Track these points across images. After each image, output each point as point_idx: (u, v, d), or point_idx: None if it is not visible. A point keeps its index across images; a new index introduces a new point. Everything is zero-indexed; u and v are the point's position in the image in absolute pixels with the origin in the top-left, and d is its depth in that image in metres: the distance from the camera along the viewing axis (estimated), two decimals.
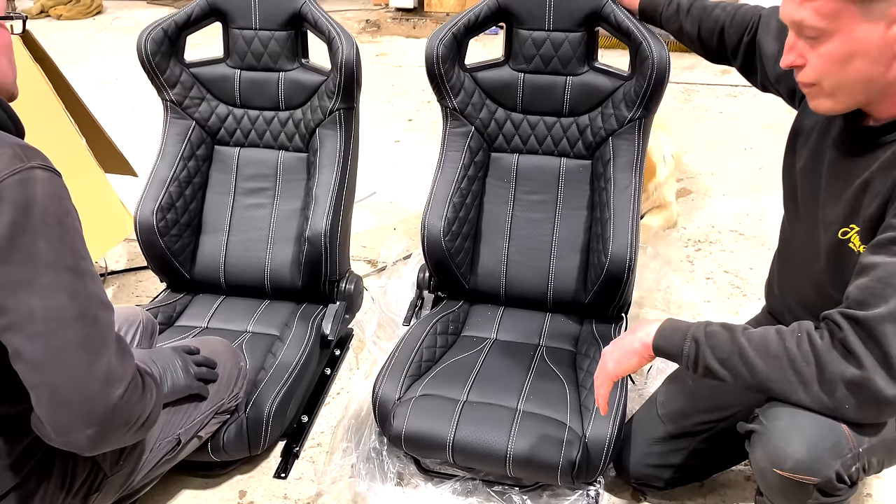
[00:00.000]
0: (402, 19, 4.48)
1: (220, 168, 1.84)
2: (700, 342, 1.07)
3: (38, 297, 0.91)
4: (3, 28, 1.03)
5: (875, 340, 0.95)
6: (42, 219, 0.92)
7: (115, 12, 4.67)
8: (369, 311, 1.98)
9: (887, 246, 0.99)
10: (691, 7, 1.49)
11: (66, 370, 0.92)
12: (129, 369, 0.98)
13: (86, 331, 0.93)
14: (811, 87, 1.09)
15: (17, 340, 0.91)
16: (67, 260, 0.94)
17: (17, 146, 0.94)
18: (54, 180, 0.95)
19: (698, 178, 2.72)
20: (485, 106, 1.74)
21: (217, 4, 1.75)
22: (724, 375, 1.06)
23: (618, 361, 1.16)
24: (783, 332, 1.03)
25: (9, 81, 1.06)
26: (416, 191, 2.60)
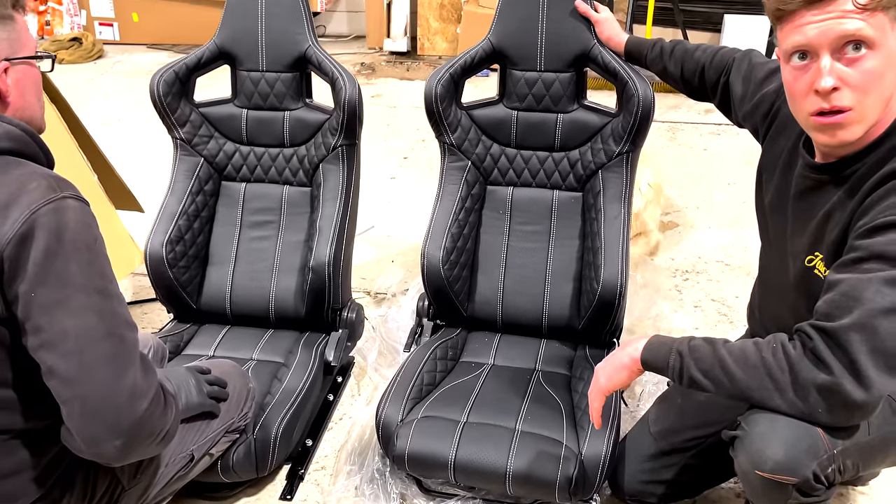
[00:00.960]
0: (396, 62, 4.63)
1: (227, 202, 1.92)
2: (684, 355, 1.14)
3: (71, 317, 0.98)
4: (33, 66, 1.12)
5: (842, 348, 1.02)
6: (73, 245, 0.99)
7: (116, 56, 4.79)
8: (370, 339, 2.04)
9: (850, 264, 1.06)
10: (674, 49, 1.60)
11: (96, 385, 0.98)
12: (153, 384, 1.04)
13: (113, 348, 1.00)
14: (844, 115, 1.07)
15: (51, 358, 0.98)
16: (96, 283, 1.01)
17: (50, 178, 1.02)
18: (84, 209, 1.03)
19: (685, 212, 2.82)
20: (480, 142, 1.83)
21: (226, 48, 1.84)
22: (706, 385, 1.12)
23: (609, 376, 1.23)
24: (760, 343, 1.10)
25: (37, 116, 1.14)
26: (412, 225, 2.69)
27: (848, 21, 1.03)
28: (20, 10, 1.10)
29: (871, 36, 1.04)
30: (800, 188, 1.24)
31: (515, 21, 1.75)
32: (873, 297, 1.01)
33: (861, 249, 1.06)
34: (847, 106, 1.07)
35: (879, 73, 1.06)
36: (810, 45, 1.07)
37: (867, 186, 1.10)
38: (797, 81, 1.11)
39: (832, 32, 1.05)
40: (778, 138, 1.34)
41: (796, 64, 1.11)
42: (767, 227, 1.37)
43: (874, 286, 1.02)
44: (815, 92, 1.08)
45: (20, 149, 1.04)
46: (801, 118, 1.15)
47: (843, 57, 1.06)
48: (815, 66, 1.08)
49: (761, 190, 1.39)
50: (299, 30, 1.81)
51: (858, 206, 1.11)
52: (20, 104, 1.09)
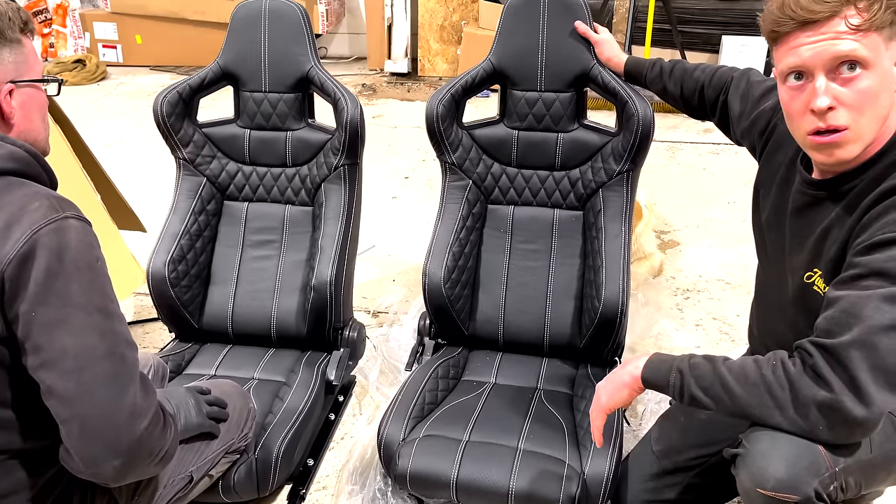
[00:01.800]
0: (397, 83, 4.67)
1: (229, 222, 1.93)
2: (684, 373, 1.14)
3: (71, 336, 0.98)
4: (39, 90, 1.14)
5: (842, 365, 1.02)
6: (74, 264, 1.00)
7: (119, 78, 4.83)
8: (371, 358, 2.04)
9: (849, 281, 1.07)
10: (673, 69, 1.62)
11: (96, 404, 0.98)
12: (152, 404, 1.04)
13: (114, 368, 1.00)
14: (840, 134, 1.08)
15: (51, 377, 0.98)
16: (97, 302, 1.01)
17: (52, 198, 1.03)
18: (85, 229, 1.04)
19: (685, 231, 2.83)
20: (481, 161, 1.85)
21: (229, 69, 1.86)
22: (707, 403, 1.12)
23: (610, 394, 1.23)
24: (759, 361, 1.10)
25: (42, 139, 1.16)
26: (413, 244, 2.69)
27: (842, 42, 1.05)
28: (29, 34, 1.11)
29: (864, 56, 1.05)
30: (797, 204, 1.25)
31: (516, 42, 1.77)
32: (873, 314, 1.02)
33: (860, 266, 1.06)
34: (843, 125, 1.08)
35: (874, 92, 1.07)
36: (805, 66, 1.09)
37: (865, 203, 1.11)
38: (793, 101, 1.13)
39: (826, 53, 1.06)
40: (775, 155, 1.35)
41: (792, 84, 1.12)
42: (765, 243, 1.38)
43: (874, 303, 1.02)
44: (812, 111, 1.09)
45: (23, 169, 1.05)
46: (799, 137, 1.17)
47: (837, 77, 1.07)
48: (811, 86, 1.09)
49: (758, 207, 1.40)
50: (301, 51, 1.83)
51: (857, 223, 1.11)
52: (24, 126, 1.10)
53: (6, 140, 1.05)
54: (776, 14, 1.09)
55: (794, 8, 1.06)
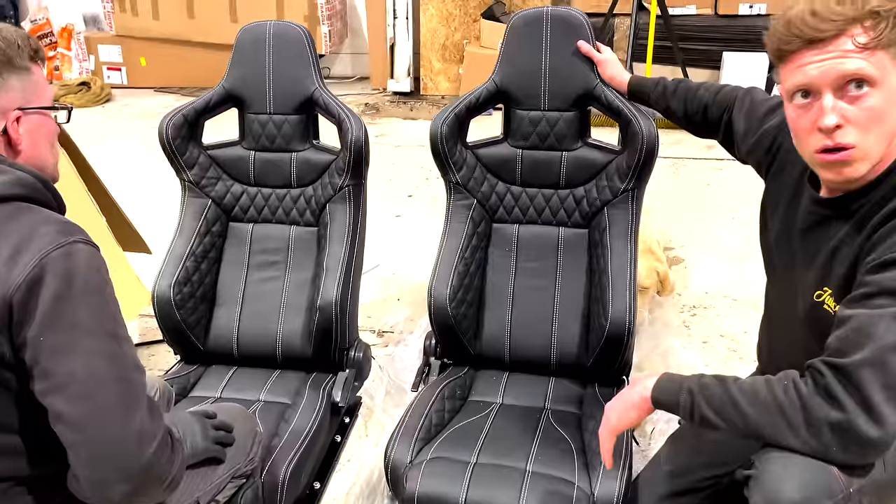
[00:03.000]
0: (400, 102, 4.69)
1: (235, 243, 1.93)
2: (695, 393, 1.13)
3: (80, 361, 0.98)
4: (48, 117, 1.14)
5: (855, 385, 1.01)
6: (83, 289, 0.99)
7: (124, 100, 4.87)
8: (377, 379, 2.03)
9: (860, 300, 1.06)
10: (677, 88, 1.62)
11: (104, 429, 0.97)
12: (160, 429, 1.03)
13: (122, 392, 1.00)
14: (848, 152, 1.08)
15: (59, 402, 0.97)
16: (106, 326, 1.01)
17: (60, 223, 1.03)
18: (94, 253, 1.04)
19: (690, 247, 2.83)
20: (486, 180, 1.85)
21: (234, 91, 1.87)
22: (718, 424, 1.11)
23: (620, 416, 1.22)
24: (771, 381, 1.09)
25: (50, 165, 1.16)
26: (417, 262, 2.69)
27: (849, 60, 1.05)
28: (38, 62, 1.12)
29: (872, 74, 1.05)
30: (806, 223, 1.24)
31: (519, 61, 1.77)
32: (884, 334, 1.01)
33: (871, 285, 1.05)
34: (850, 143, 1.08)
35: (882, 110, 1.07)
36: (812, 85, 1.08)
37: (874, 222, 1.10)
38: (800, 119, 1.12)
39: (833, 72, 1.06)
40: (781, 173, 1.35)
41: (799, 102, 1.12)
42: (774, 262, 1.37)
43: (885, 322, 1.01)
44: (819, 130, 1.09)
45: (31, 195, 1.05)
46: (806, 155, 1.16)
47: (845, 95, 1.07)
48: (818, 104, 1.09)
49: (766, 225, 1.39)
50: (306, 73, 1.84)
51: (866, 242, 1.11)
52: (32, 153, 1.11)
53: (14, 166, 1.06)
54: (782, 32, 1.09)
55: (801, 26, 1.06)
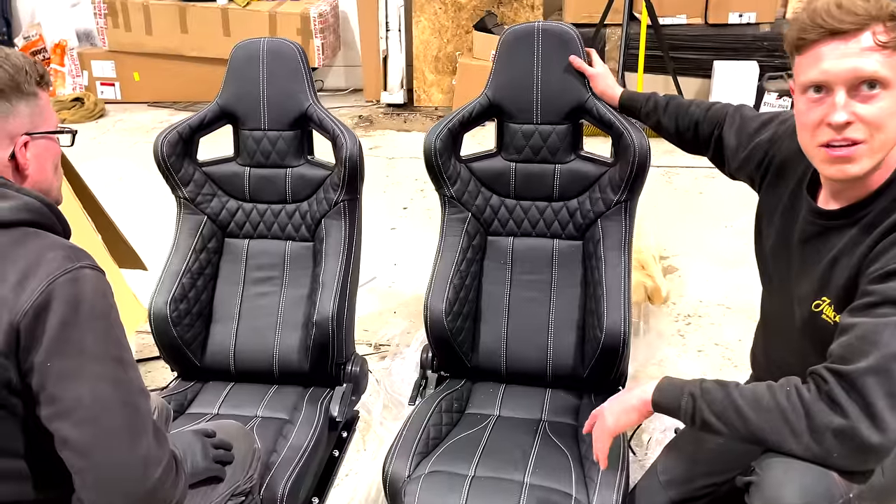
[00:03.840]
0: (394, 114, 4.71)
1: (231, 259, 1.93)
2: (696, 397, 1.14)
3: (86, 386, 0.99)
4: (54, 141, 1.16)
5: (858, 392, 1.02)
6: (90, 314, 1.00)
7: (118, 115, 4.87)
8: (374, 392, 2.03)
9: (864, 309, 1.07)
10: (668, 104, 1.64)
11: (110, 454, 0.98)
12: (166, 453, 1.04)
13: (128, 417, 1.01)
14: (856, 147, 1.10)
15: (65, 427, 0.98)
16: (112, 352, 1.02)
17: (67, 248, 1.04)
18: (100, 278, 1.05)
19: (683, 256, 2.84)
20: (480, 193, 1.86)
21: (228, 108, 1.88)
22: (719, 428, 1.12)
23: (617, 417, 1.23)
24: (773, 387, 1.11)
25: (55, 189, 1.17)
26: (413, 275, 2.70)
27: (866, 60, 1.06)
28: (45, 86, 1.13)
29: (886, 76, 1.07)
30: (805, 234, 1.25)
31: (511, 76, 1.79)
32: (889, 342, 1.02)
33: (875, 294, 1.07)
34: (861, 139, 1.09)
35: (892, 111, 1.08)
36: (827, 81, 1.10)
37: (877, 233, 1.11)
38: (810, 112, 1.13)
39: (849, 72, 1.07)
40: (777, 185, 1.36)
41: (811, 96, 1.13)
42: (770, 272, 1.38)
43: (889, 331, 1.03)
44: (828, 125, 1.10)
45: (38, 220, 1.06)
46: (810, 150, 1.17)
47: (858, 93, 1.09)
48: (830, 100, 1.10)
49: (761, 235, 1.41)
50: (300, 89, 1.86)
51: (869, 252, 1.12)
52: (38, 177, 1.12)
53: (21, 191, 1.06)
54: (805, 22, 1.10)
55: (825, 17, 1.08)
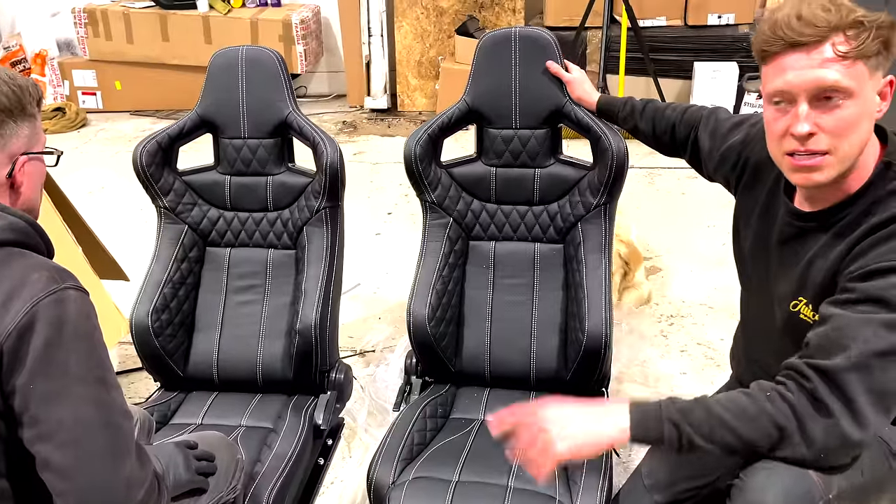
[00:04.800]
0: (377, 119, 4.71)
1: (212, 268, 1.93)
2: (679, 424, 1.09)
3: (69, 408, 0.99)
4: (40, 161, 1.16)
5: (840, 389, 1.03)
6: (73, 336, 1.00)
7: (100, 124, 4.84)
8: (359, 399, 2.03)
9: (844, 303, 1.08)
10: (645, 108, 1.65)
11: (92, 476, 0.98)
12: (148, 474, 1.04)
13: (111, 439, 1.00)
14: (820, 157, 1.10)
15: (47, 449, 0.98)
16: (95, 373, 1.02)
17: (51, 269, 1.04)
18: (84, 299, 1.05)
19: (666, 256, 2.86)
20: (461, 198, 1.86)
21: (208, 117, 1.88)
22: (711, 449, 1.08)
23: (579, 448, 1.10)
24: (752, 394, 1.09)
25: (37, 207, 1.18)
26: (398, 280, 2.70)
27: (827, 71, 1.07)
28: (38, 108, 1.15)
29: (848, 86, 1.07)
30: (783, 235, 1.26)
31: (489, 81, 1.80)
32: (869, 338, 1.03)
33: (856, 291, 1.07)
34: (822, 149, 1.11)
35: (854, 120, 1.09)
36: (790, 92, 1.10)
37: (855, 235, 1.12)
38: (776, 122, 1.14)
39: (810, 82, 1.08)
40: (753, 186, 1.37)
41: (776, 106, 1.14)
42: (748, 272, 1.39)
43: (871, 328, 1.03)
44: (792, 135, 1.11)
45: (23, 240, 1.06)
46: (777, 157, 1.18)
47: (820, 104, 1.09)
48: (794, 110, 1.11)
49: (739, 236, 1.42)
50: (279, 97, 1.85)
51: (847, 253, 1.12)
52: (29, 195, 1.14)
53: (6, 210, 1.07)
54: (767, 34, 1.11)
55: (785, 29, 1.09)
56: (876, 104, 1.12)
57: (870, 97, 1.10)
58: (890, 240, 1.08)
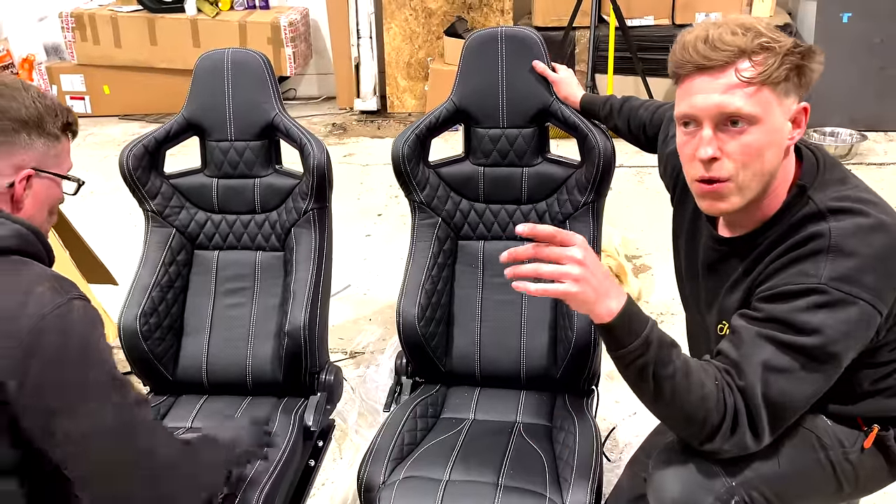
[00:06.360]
0: (367, 121, 4.71)
1: (200, 271, 1.92)
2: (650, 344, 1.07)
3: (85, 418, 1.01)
4: (57, 185, 1.19)
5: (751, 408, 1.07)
6: (81, 346, 1.03)
7: (88, 129, 4.82)
8: (349, 400, 2.03)
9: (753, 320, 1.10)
10: (622, 107, 1.67)
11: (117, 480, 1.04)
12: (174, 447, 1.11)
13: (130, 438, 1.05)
14: (722, 184, 1.10)
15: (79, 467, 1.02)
16: (103, 378, 1.04)
17: (54, 280, 1.06)
18: (88, 308, 1.07)
19: (655, 254, 2.87)
20: (449, 198, 1.87)
21: (194, 120, 1.87)
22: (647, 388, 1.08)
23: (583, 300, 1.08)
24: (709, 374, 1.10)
25: (44, 230, 1.20)
26: (388, 281, 2.70)
27: (730, 97, 1.06)
28: (69, 134, 1.20)
29: (751, 113, 1.06)
30: (708, 259, 1.27)
31: (476, 81, 1.80)
32: (771, 358, 1.06)
33: (764, 311, 1.09)
34: (724, 177, 1.10)
35: (759, 147, 1.08)
36: (695, 116, 1.10)
37: (769, 258, 1.13)
38: (685, 146, 1.14)
39: (714, 108, 1.07)
40: (683, 202, 1.37)
41: (685, 129, 1.14)
42: (685, 292, 1.40)
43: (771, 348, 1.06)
44: (699, 159, 1.11)
45: (26, 248, 1.08)
46: (689, 182, 1.18)
47: (725, 129, 1.09)
48: (700, 134, 1.10)
49: (678, 254, 1.42)
50: (265, 99, 1.85)
51: (760, 274, 1.14)
52: (31, 212, 1.14)
53: (10, 218, 1.09)
54: (678, 56, 1.11)
55: (693, 52, 1.08)
56: (787, 131, 1.11)
57: (778, 124, 1.09)
58: (798, 262, 1.09)
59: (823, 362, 1.06)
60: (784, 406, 1.07)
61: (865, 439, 1.19)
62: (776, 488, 1.16)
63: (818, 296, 1.05)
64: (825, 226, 1.08)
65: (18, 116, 1.10)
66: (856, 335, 1.07)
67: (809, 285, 1.05)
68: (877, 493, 1.27)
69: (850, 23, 3.97)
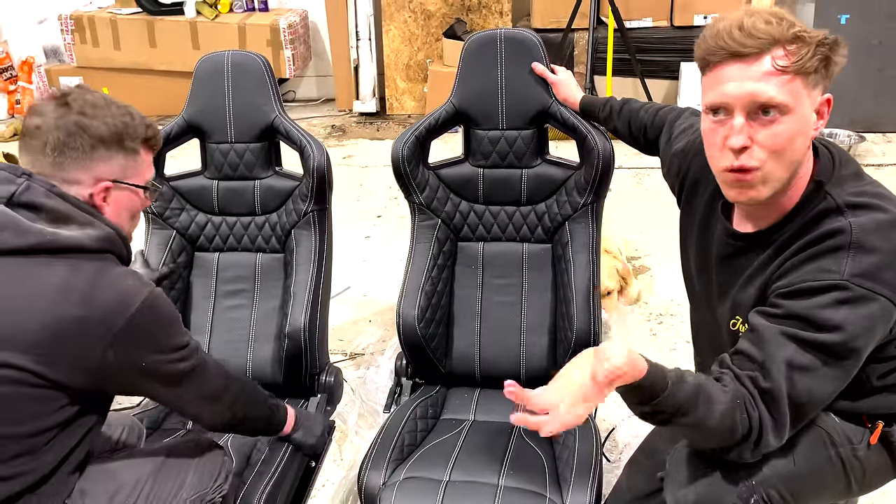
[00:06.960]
0: (367, 123, 4.71)
1: (201, 273, 1.93)
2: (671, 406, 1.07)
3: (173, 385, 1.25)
4: (137, 194, 1.28)
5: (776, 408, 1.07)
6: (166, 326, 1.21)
7: None
8: (349, 402, 2.03)
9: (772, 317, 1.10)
10: (622, 109, 1.66)
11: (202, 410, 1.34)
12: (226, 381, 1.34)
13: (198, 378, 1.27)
14: (752, 173, 1.10)
15: None
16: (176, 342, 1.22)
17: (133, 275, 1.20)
18: (161, 293, 1.21)
19: (655, 255, 2.88)
20: (449, 200, 1.87)
21: (194, 122, 1.88)
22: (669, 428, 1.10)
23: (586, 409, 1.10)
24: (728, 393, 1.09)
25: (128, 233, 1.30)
26: (388, 283, 2.70)
27: (763, 85, 1.06)
28: (149, 149, 1.29)
29: (784, 102, 1.06)
30: (722, 253, 1.26)
31: (476, 83, 1.80)
32: (794, 356, 1.06)
33: (783, 308, 1.09)
34: (755, 165, 1.10)
35: (789, 136, 1.08)
36: (726, 104, 1.10)
37: (787, 254, 1.13)
38: (714, 135, 1.13)
39: (748, 96, 1.07)
40: (693, 199, 1.37)
41: (714, 118, 1.13)
42: (694, 288, 1.39)
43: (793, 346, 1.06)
44: (729, 148, 1.11)
45: (114, 250, 1.19)
46: (715, 170, 1.17)
47: (756, 117, 1.08)
48: (730, 122, 1.10)
49: (685, 251, 1.41)
50: (265, 101, 1.86)
51: (777, 269, 1.14)
52: (111, 219, 1.23)
53: (103, 220, 1.20)
54: (709, 43, 1.11)
55: (727, 39, 1.08)
56: (812, 122, 1.11)
57: (807, 114, 1.09)
58: (817, 258, 1.09)
59: (845, 358, 1.06)
60: (807, 403, 1.07)
61: (871, 435, 1.19)
62: (791, 486, 1.16)
63: (840, 292, 1.05)
64: (844, 221, 1.08)
65: (98, 134, 1.19)
66: (876, 331, 1.07)
67: (831, 281, 1.05)
68: (877, 492, 1.28)
69: (849, 24, 3.97)
